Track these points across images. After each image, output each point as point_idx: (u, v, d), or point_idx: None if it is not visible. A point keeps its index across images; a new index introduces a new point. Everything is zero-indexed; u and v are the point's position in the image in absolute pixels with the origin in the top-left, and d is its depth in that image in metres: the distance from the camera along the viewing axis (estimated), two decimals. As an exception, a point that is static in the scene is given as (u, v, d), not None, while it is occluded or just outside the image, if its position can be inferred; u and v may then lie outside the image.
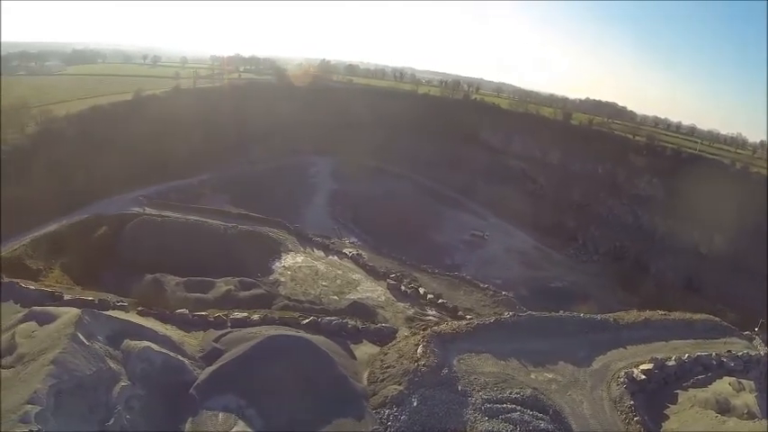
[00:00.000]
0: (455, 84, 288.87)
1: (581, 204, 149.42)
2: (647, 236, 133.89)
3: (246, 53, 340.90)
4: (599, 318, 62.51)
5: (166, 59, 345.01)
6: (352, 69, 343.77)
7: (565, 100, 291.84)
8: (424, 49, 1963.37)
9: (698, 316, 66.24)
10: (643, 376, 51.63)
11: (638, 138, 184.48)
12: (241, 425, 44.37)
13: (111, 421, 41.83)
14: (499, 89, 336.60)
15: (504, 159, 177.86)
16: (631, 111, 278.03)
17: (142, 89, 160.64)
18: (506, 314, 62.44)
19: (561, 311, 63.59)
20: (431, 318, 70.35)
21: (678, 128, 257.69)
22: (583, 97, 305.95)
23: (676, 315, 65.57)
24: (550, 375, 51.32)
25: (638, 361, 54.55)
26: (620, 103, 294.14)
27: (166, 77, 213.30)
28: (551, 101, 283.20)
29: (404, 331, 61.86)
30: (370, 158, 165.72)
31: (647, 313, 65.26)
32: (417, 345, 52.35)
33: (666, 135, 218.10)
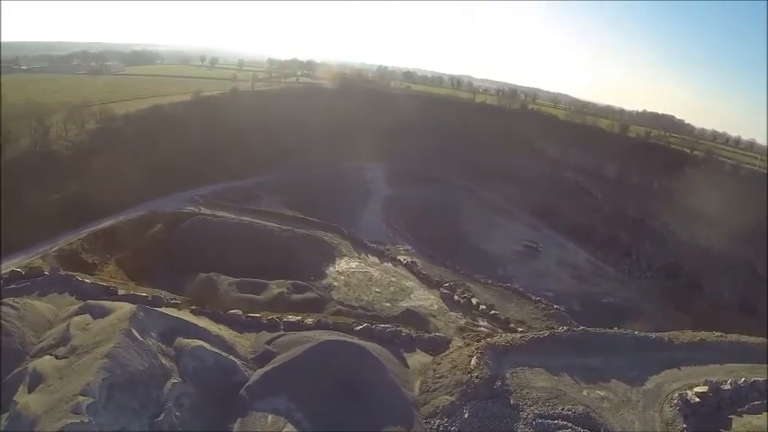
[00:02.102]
0: (512, 93, 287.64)
1: (636, 219, 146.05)
2: (703, 253, 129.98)
3: (304, 57, 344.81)
4: (653, 336, 61.10)
5: (224, 61, 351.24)
6: (409, 76, 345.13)
7: (621, 112, 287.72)
8: (481, 58, 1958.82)
9: (755, 339, 63.91)
10: (697, 399, 49.83)
11: (695, 152, 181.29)
12: (289, 428, 44.18)
13: (161, 417, 42.21)
14: (555, 99, 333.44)
15: (560, 171, 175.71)
16: (689, 124, 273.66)
17: (200, 90, 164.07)
18: (560, 328, 61.69)
19: (615, 328, 62.70)
20: (482, 329, 69.60)
21: (737, 142, 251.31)
22: (640, 109, 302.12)
23: (733, 337, 63.43)
24: (602, 393, 50.20)
25: (693, 383, 52.86)
26: (678, 116, 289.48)
27: (224, 79, 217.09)
28: (608, 112, 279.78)
29: (457, 342, 60.91)
30: (425, 165, 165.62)
31: (703, 334, 63.38)
32: (471, 356, 51.78)
33: (725, 150, 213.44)
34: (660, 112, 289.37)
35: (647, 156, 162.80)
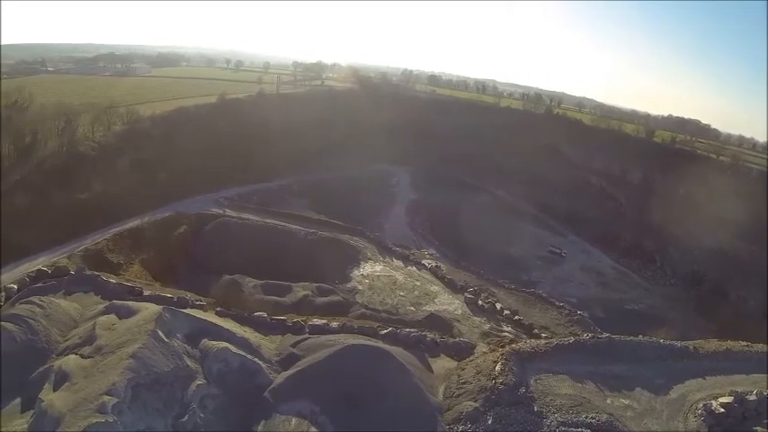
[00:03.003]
0: (537, 97, 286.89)
1: (660, 225, 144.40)
2: (728, 261, 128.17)
3: (329, 60, 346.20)
4: (678, 345, 60.57)
5: (249, 64, 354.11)
6: (434, 80, 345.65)
7: (647, 116, 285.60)
8: (506, 62, 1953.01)
9: (782, 349, 63.06)
10: (722, 410, 49.26)
11: (722, 158, 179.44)
12: (313, 431, 44.38)
13: (185, 418, 42.64)
14: (580, 104, 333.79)
15: (585, 176, 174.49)
16: (715, 129, 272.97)
17: (226, 93, 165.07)
18: (585, 335, 61.52)
19: (640, 336, 62.06)
20: (506, 334, 69.17)
21: (766, 148, 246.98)
22: (665, 113, 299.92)
23: (759, 347, 62.68)
24: (626, 401, 49.80)
25: (718, 393, 52.33)
26: (704, 121, 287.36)
27: (249, 82, 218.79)
28: (633, 117, 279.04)
29: (482, 347, 60.85)
30: (450, 169, 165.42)
31: (729, 343, 62.77)
32: (496, 362, 51.75)
33: (752, 155, 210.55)
34: (686, 116, 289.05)
35: (673, 161, 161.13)
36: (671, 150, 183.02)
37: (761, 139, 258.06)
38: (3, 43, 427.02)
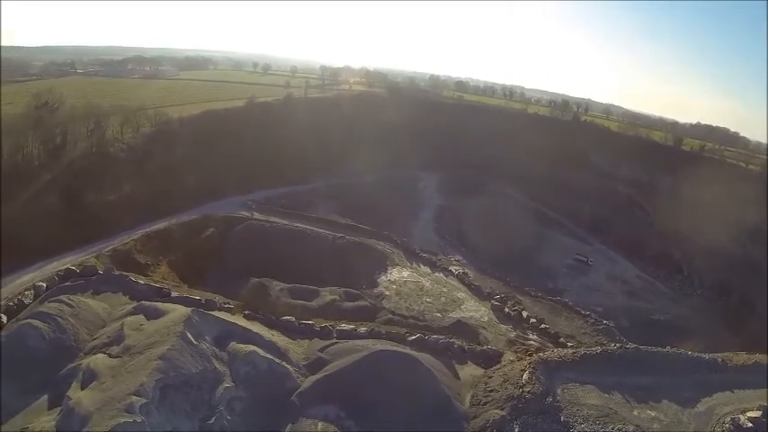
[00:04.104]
0: (564, 104, 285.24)
1: (688, 234, 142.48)
2: (756, 272, 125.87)
3: (356, 65, 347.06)
4: (707, 357, 60.14)
5: (276, 68, 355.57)
6: (461, 86, 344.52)
7: (675, 124, 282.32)
8: (533, 68, 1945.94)
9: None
10: (750, 424, 48.75)
11: (751, 166, 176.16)
12: (339, 435, 44.85)
13: (212, 420, 43.03)
14: (608, 111, 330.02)
15: (612, 184, 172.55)
16: (744, 137, 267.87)
17: (254, 96, 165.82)
18: (612, 345, 61.07)
19: (668, 347, 61.65)
20: (532, 342, 68.80)
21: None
22: (693, 121, 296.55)
23: None
24: (653, 413, 49.47)
25: (746, 407, 51.73)
26: (733, 129, 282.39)
27: (277, 86, 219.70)
28: (661, 124, 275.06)
29: (509, 355, 60.65)
30: (477, 176, 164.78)
31: (758, 356, 62.12)
32: (523, 370, 51.74)
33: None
34: (714, 124, 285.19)
35: (701, 170, 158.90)
36: (699, 158, 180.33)
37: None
38: (32, 45, 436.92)
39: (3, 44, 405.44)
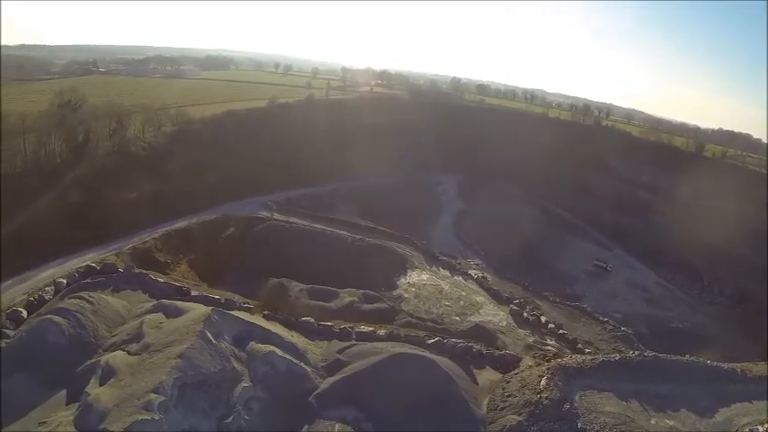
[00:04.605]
0: (585, 108, 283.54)
1: (708, 242, 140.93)
2: None
3: (378, 67, 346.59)
4: (726, 367, 59.91)
5: (297, 69, 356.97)
6: (483, 89, 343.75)
7: (696, 130, 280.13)
8: (554, 72, 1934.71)
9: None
10: None
11: None
12: (356, 437, 44.93)
13: (230, 419, 43.21)
14: (629, 115, 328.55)
15: (632, 189, 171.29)
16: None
17: (275, 97, 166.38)
18: (631, 353, 60.99)
19: (687, 356, 61.55)
20: (550, 348, 68.84)
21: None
22: (715, 127, 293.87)
23: None
24: (671, 423, 49.40)
25: (764, 419, 51.59)
26: (755, 135, 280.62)
27: (298, 87, 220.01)
28: (682, 130, 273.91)
29: (527, 360, 60.56)
30: (497, 179, 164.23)
31: None
32: (542, 376, 51.87)
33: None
34: (736, 130, 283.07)
35: (722, 176, 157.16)
36: (721, 165, 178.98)
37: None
38: (53, 44, 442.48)
39: (28, 43, 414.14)
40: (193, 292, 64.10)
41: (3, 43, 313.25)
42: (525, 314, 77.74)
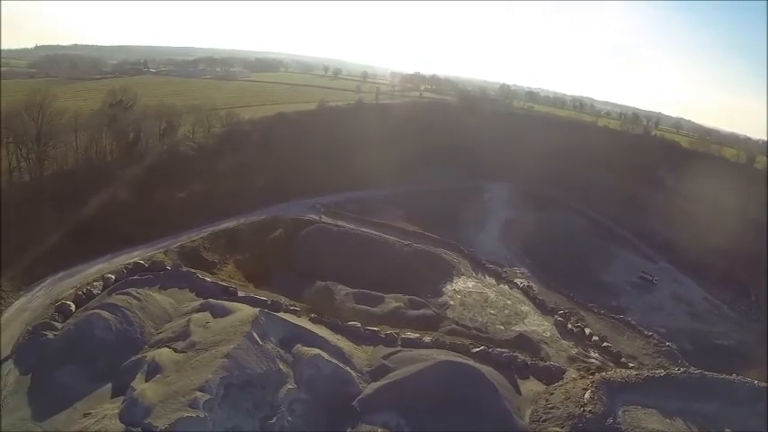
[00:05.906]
0: (634, 117, 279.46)
1: (758, 257, 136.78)
2: None
3: (427, 72, 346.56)
4: None
5: (346, 73, 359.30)
6: (532, 96, 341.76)
7: (747, 140, 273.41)
8: (603, 80, 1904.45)
9: None
10: None
11: None
12: (398, 443, 44.96)
13: (274, 420, 43.72)
14: (678, 125, 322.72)
15: (681, 201, 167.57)
16: None
17: (325, 100, 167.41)
18: (676, 370, 59.99)
19: (733, 375, 59.77)
20: (593, 360, 68.23)
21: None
22: (766, 138, 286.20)
23: None
24: None
25: None
26: None
27: (348, 90, 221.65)
28: (733, 140, 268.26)
29: (572, 373, 60.17)
30: (545, 188, 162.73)
31: None
32: (586, 389, 51.48)
33: None
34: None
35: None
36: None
37: None
38: (105, 44, 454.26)
39: (78, 42, 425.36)
40: (240, 293, 64.85)
41: (56, 43, 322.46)
42: (569, 325, 77.26)
